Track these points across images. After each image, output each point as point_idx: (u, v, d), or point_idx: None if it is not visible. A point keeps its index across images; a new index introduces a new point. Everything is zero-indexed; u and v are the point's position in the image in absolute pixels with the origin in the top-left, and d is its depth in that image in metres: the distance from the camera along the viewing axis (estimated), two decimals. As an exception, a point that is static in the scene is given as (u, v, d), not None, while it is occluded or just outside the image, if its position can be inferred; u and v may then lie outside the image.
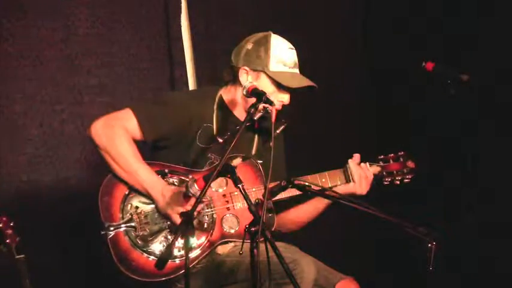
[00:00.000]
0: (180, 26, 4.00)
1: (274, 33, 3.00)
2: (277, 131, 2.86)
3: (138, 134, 2.88)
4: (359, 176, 2.98)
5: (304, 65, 3.04)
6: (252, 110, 2.66)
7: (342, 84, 4.52)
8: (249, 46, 2.96)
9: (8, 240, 2.66)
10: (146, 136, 2.89)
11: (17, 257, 2.66)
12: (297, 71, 2.99)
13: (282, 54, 2.95)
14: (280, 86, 2.92)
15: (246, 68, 2.94)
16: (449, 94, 3.18)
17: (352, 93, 4.59)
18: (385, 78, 4.48)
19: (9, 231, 2.67)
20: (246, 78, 2.94)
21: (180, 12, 3.99)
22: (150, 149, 3.01)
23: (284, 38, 3.01)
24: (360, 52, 4.63)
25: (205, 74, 4.01)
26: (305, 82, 2.96)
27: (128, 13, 3.90)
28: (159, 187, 2.81)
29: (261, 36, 2.99)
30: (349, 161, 3.01)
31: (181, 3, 3.99)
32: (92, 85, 3.79)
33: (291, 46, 3.00)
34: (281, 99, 2.92)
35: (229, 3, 4.21)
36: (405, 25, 4.37)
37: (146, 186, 2.82)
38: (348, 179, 3.00)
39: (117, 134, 2.83)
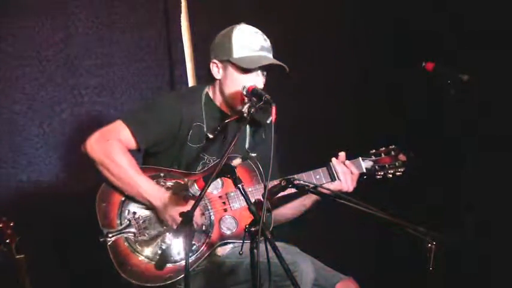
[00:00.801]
0: (180, 26, 4.00)
1: (247, 24, 2.98)
2: (267, 121, 2.80)
3: (132, 143, 2.88)
4: (343, 173, 2.97)
5: (303, 64, 3.03)
6: (253, 109, 2.67)
7: (339, 83, 4.52)
8: (217, 40, 2.98)
9: (8, 240, 2.66)
10: (141, 144, 2.88)
11: (17, 256, 2.66)
12: (264, 53, 2.93)
13: (244, 39, 2.92)
14: (246, 71, 2.89)
15: (215, 60, 2.96)
16: (449, 94, 3.18)
17: (350, 92, 4.59)
18: (385, 77, 4.48)
19: (9, 231, 2.67)
20: (218, 71, 2.96)
21: (180, 12, 3.99)
22: (142, 156, 3.01)
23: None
24: (359, 51, 4.63)
25: (205, 74, 4.00)
26: (268, 61, 2.91)
27: (128, 13, 3.90)
28: (160, 195, 2.81)
29: (228, 28, 2.98)
30: (333, 159, 3.00)
31: (181, 3, 3.99)
32: (92, 85, 3.80)
33: (256, 30, 2.96)
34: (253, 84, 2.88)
35: (229, 3, 4.21)
36: (405, 25, 4.37)
37: (147, 196, 2.82)
38: (332, 177, 2.98)
39: (113, 146, 2.82)
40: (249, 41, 2.92)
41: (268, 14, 4.23)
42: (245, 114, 2.67)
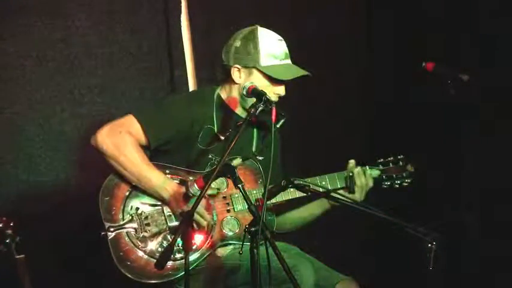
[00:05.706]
0: (180, 26, 4.00)
1: (261, 26, 2.99)
2: (277, 126, 2.82)
3: (143, 139, 2.88)
4: (361, 186, 2.96)
5: (305, 64, 3.03)
6: (253, 110, 2.67)
7: (343, 85, 4.52)
8: (238, 43, 2.96)
9: (8, 240, 2.66)
10: (151, 141, 2.88)
11: (17, 257, 2.66)
12: (288, 61, 2.98)
13: (271, 48, 2.93)
14: (273, 80, 2.91)
15: (238, 66, 2.94)
16: (449, 94, 3.18)
17: (352, 94, 4.59)
18: (385, 78, 4.48)
19: (9, 231, 2.67)
20: (239, 75, 2.94)
21: (180, 12, 3.99)
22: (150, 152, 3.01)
23: (284, 38, 3.00)
24: (361, 53, 4.63)
25: (205, 74, 4.00)
26: (298, 72, 2.95)
27: (128, 13, 3.90)
28: (171, 188, 2.81)
29: (248, 31, 2.98)
30: (351, 166, 2.98)
31: (181, 3, 3.99)
32: (92, 85, 3.79)
33: (280, 38, 2.98)
34: (277, 92, 2.92)
35: (229, 3, 4.20)
36: (406, 25, 4.37)
37: (158, 189, 2.82)
38: (348, 186, 2.97)
39: (124, 140, 2.82)
40: (275, 49, 2.94)
41: (269, 14, 4.23)
42: (246, 115, 2.67)
